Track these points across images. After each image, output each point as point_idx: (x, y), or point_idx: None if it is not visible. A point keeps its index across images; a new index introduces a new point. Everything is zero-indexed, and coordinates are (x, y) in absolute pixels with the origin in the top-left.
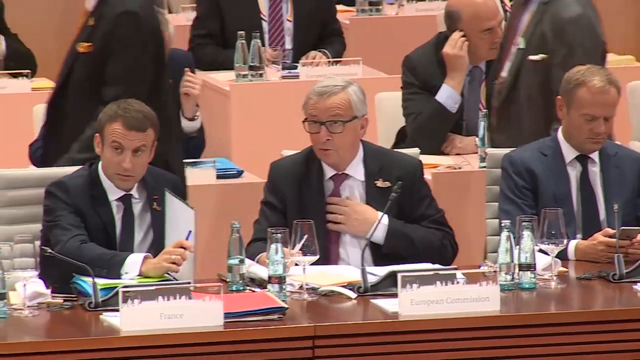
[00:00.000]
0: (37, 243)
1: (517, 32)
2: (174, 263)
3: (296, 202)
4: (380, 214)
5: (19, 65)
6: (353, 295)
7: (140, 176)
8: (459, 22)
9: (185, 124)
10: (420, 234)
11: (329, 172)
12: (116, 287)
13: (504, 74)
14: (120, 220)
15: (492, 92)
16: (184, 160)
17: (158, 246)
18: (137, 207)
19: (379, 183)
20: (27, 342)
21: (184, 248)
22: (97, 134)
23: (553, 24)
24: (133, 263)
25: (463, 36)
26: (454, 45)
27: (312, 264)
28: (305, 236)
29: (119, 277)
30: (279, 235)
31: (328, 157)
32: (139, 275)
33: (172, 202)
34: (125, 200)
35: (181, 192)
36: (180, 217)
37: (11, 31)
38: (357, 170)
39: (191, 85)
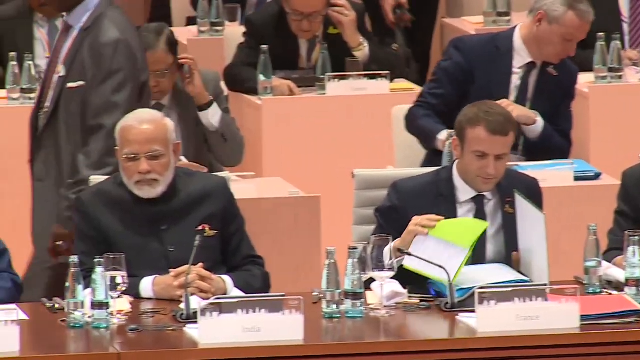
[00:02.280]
0: (392, 245)
1: (59, 60)
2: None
3: None
4: None
5: (380, 68)
6: None
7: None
8: None
9: None
10: None
11: None
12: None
13: (48, 103)
14: None
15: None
16: None
17: (510, 247)
18: (488, 207)
19: None
20: (383, 342)
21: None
22: (454, 137)
23: (92, 49)
24: None
25: None
26: None
27: None
28: None
29: None
30: (637, 238)
31: None
32: None
33: (522, 205)
34: (477, 200)
35: (536, 195)
36: (530, 221)
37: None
38: None
39: (339, 11)
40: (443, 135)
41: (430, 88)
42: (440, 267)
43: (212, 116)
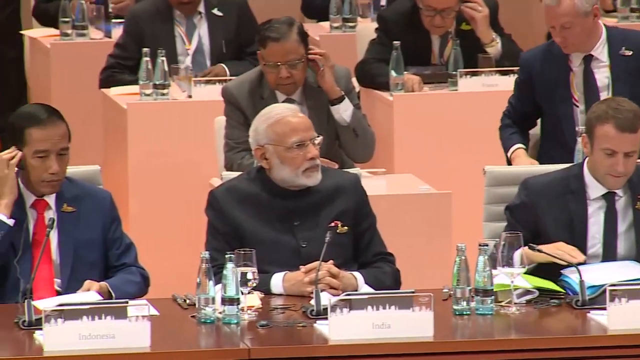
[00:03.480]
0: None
1: None
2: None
3: None
4: None
5: (512, 64)
6: None
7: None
8: None
9: None
10: None
11: None
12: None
13: None
14: (602, 217)
15: None
16: None
17: None
18: (619, 204)
19: None
20: (513, 339)
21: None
22: (583, 135)
23: None
24: None
25: None
26: None
27: None
28: None
29: None
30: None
31: None
32: None
33: None
34: (608, 197)
35: None
36: None
37: (505, 31)
38: None
39: (472, 7)
40: (510, 151)
41: (511, 96)
42: (571, 265)
43: (343, 111)
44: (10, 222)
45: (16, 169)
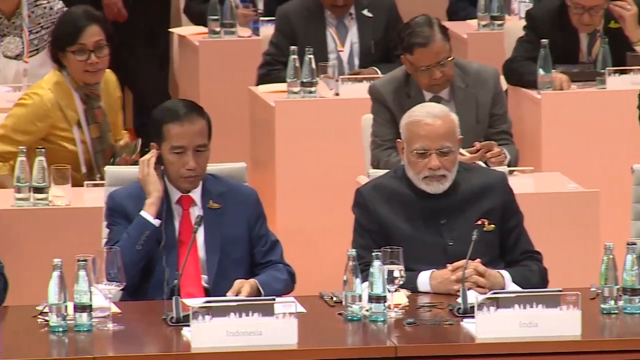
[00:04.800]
0: None
1: None
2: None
3: None
4: None
5: None
6: None
7: None
8: None
9: None
10: None
11: None
12: None
13: None
14: None
15: None
16: None
17: None
18: None
19: None
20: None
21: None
22: None
23: None
24: None
25: None
26: None
27: None
28: None
29: None
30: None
31: None
32: None
33: None
34: None
35: None
36: None
37: None
38: None
39: (621, 5)
40: None
41: None
42: None
43: None
44: (156, 222)
45: (161, 167)
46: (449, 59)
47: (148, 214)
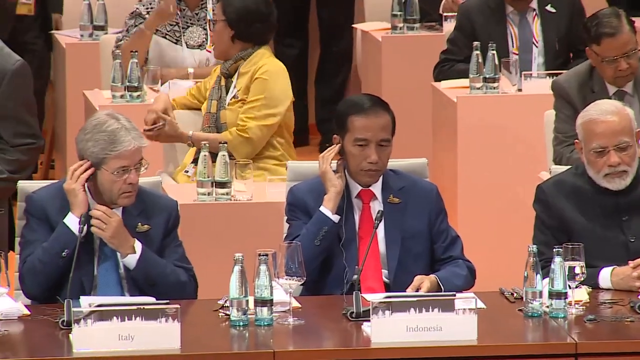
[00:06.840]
0: None
1: None
2: None
3: None
4: None
5: None
6: None
7: None
8: None
9: None
10: None
11: None
12: None
13: None
14: None
15: None
16: None
17: None
18: None
19: None
20: None
21: None
22: None
23: None
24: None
25: None
26: None
27: None
28: None
29: None
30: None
31: None
32: None
33: None
34: None
35: None
36: None
37: None
38: None
39: None
40: None
41: None
42: None
43: None
44: (335, 218)
45: (342, 159)
46: (635, 50)
47: (327, 210)
